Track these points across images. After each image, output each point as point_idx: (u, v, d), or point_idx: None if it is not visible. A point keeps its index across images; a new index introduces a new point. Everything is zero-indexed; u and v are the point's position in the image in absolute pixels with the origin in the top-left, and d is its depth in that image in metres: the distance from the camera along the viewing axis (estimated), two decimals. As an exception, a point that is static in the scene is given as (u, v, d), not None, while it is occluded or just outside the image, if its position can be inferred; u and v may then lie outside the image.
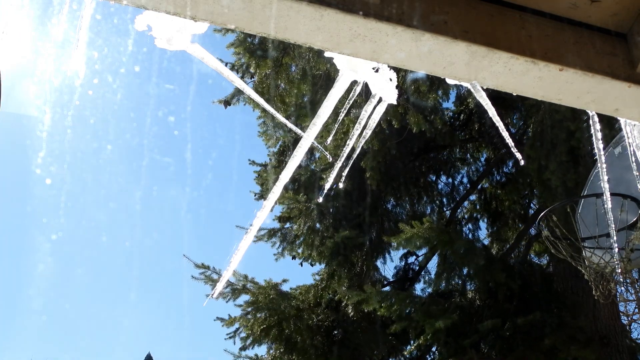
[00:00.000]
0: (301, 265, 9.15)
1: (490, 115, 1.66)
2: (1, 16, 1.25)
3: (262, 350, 8.59)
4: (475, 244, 8.30)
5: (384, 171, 8.42)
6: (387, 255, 9.35)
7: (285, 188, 9.03)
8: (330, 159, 8.79)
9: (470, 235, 9.74)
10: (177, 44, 1.37)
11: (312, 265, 9.12)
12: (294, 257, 9.13)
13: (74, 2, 1.28)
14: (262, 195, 9.67)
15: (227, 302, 8.37)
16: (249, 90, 1.81)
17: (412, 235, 7.21)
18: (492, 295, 7.60)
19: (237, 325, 8.37)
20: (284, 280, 8.64)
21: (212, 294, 6.52)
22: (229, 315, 8.44)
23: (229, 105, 8.54)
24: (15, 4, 1.26)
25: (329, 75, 7.55)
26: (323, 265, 8.94)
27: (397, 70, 1.55)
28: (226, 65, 7.91)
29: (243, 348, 8.39)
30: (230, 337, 8.43)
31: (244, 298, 8.44)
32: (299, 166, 9.91)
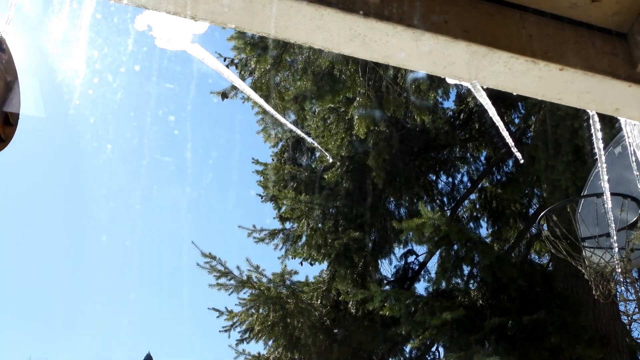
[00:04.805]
0: (301, 264, 9.16)
1: (491, 115, 1.66)
2: (2, 16, 1.25)
3: (259, 346, 8.59)
4: (483, 240, 8.31)
5: (388, 170, 8.43)
6: (389, 255, 9.36)
7: (286, 186, 9.04)
8: (331, 160, 8.79)
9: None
10: (177, 44, 1.37)
11: (311, 264, 9.13)
12: (294, 257, 9.13)
13: (74, 1, 1.28)
14: (268, 199, 9.65)
15: (229, 294, 8.34)
16: (249, 90, 1.81)
17: (424, 222, 7.17)
18: (495, 294, 7.60)
19: (235, 319, 8.35)
20: (295, 272, 8.61)
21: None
22: (225, 308, 8.44)
23: (227, 97, 8.50)
24: (16, 3, 1.26)
25: (330, 73, 7.55)
26: (324, 265, 8.94)
27: (397, 69, 1.55)
28: (225, 60, 7.89)
29: (241, 341, 8.39)
30: (225, 330, 8.41)
31: (244, 297, 8.43)
32: (300, 165, 9.91)
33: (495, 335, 7.03)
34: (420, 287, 9.28)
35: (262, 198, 9.63)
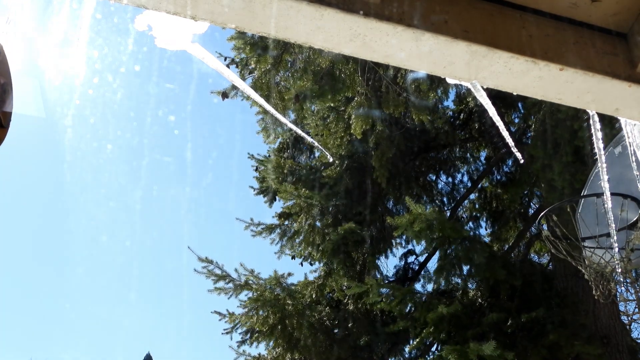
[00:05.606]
0: (301, 265, 9.15)
1: (491, 115, 1.66)
2: (2, 15, 1.25)
3: (260, 348, 8.58)
4: (479, 239, 8.30)
5: (389, 169, 8.43)
6: (387, 253, 9.36)
7: (285, 182, 9.05)
8: (331, 159, 8.78)
9: (471, 234, 9.74)
10: (178, 44, 1.37)
11: (311, 264, 9.12)
12: (293, 257, 9.12)
13: (74, 1, 1.28)
14: (261, 192, 9.66)
15: (228, 298, 8.33)
16: (249, 90, 1.81)
17: (417, 217, 7.14)
18: (494, 293, 7.60)
19: (237, 321, 8.34)
20: (289, 274, 8.59)
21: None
22: (227, 310, 8.42)
23: (227, 97, 8.51)
24: (16, 3, 1.26)
25: (330, 72, 7.55)
26: (322, 264, 8.93)
27: (397, 69, 1.55)
28: (225, 60, 7.90)
29: (242, 343, 8.39)
30: (227, 333, 8.41)
31: (245, 297, 8.42)
32: (298, 163, 9.92)
33: (494, 333, 7.03)
34: (421, 288, 9.26)
35: (254, 190, 9.62)
